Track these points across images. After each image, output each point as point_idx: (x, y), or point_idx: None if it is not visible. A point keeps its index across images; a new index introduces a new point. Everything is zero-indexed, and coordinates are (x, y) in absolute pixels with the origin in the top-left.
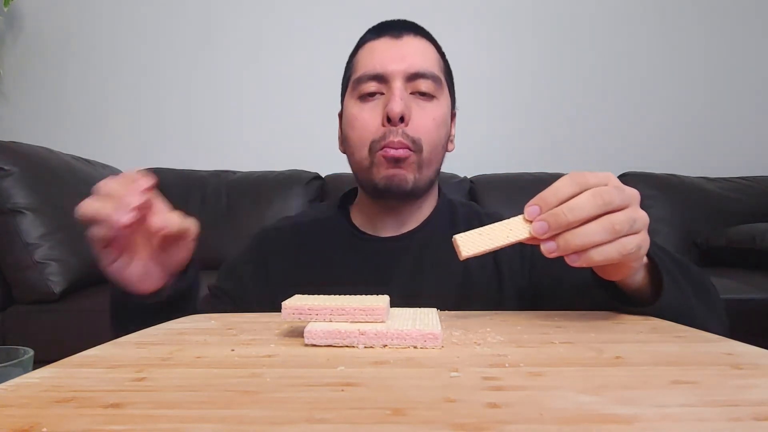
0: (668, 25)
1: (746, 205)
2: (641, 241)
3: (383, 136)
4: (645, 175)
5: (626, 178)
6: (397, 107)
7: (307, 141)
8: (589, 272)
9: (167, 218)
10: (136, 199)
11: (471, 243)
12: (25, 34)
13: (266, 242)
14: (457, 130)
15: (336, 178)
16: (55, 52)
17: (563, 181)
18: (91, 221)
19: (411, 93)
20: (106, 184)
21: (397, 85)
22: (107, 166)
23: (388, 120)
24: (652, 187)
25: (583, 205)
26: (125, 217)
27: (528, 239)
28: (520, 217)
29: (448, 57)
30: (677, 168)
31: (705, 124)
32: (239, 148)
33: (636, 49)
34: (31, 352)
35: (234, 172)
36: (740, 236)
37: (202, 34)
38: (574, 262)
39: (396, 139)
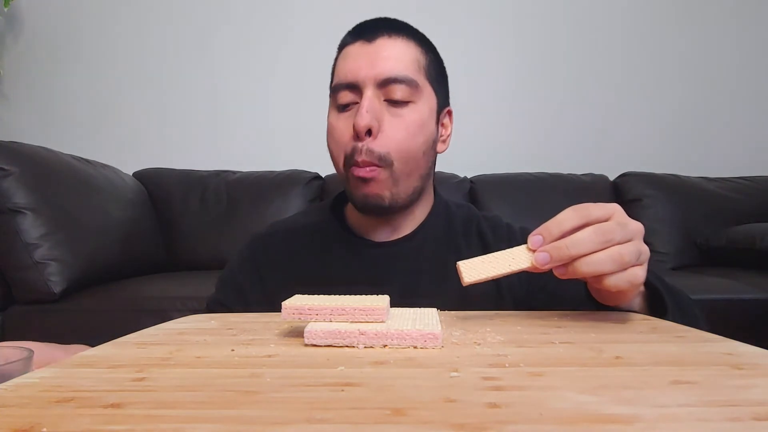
0: (668, 24)
1: (746, 205)
2: (644, 274)
3: (351, 153)
4: (645, 175)
5: (626, 178)
6: (362, 121)
7: (307, 141)
8: (584, 291)
9: None
10: None
11: (474, 270)
12: (25, 34)
13: (259, 250)
14: (458, 130)
15: (336, 178)
16: (55, 53)
17: (567, 214)
18: None
19: (385, 99)
20: None
21: (367, 94)
22: (107, 166)
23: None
24: (652, 187)
25: (584, 240)
26: None
27: (530, 268)
28: (524, 246)
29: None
30: (677, 168)
31: (705, 124)
32: (239, 148)
33: (636, 49)
34: (31, 352)
35: (234, 172)
36: (740, 236)
37: (202, 33)
38: (591, 282)
39: (360, 159)
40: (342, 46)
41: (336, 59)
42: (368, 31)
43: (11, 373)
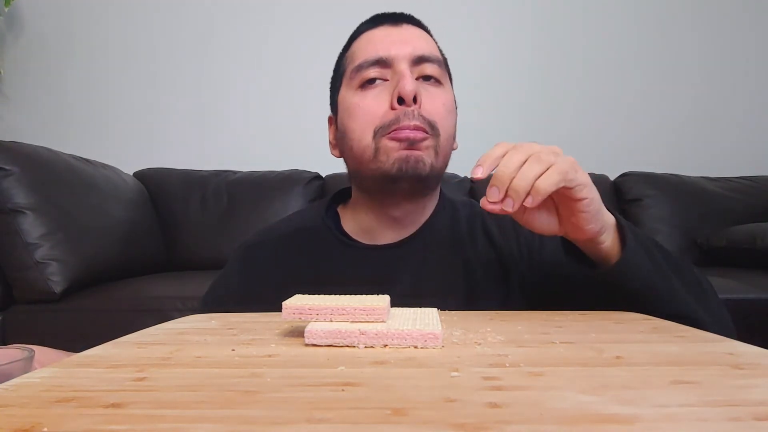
0: (669, 24)
1: (747, 205)
2: (569, 166)
3: (395, 120)
4: (645, 175)
5: (626, 178)
6: (409, 86)
7: (307, 141)
8: (562, 250)
9: None
10: None
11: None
12: (25, 34)
13: (249, 260)
14: (458, 130)
15: (336, 178)
16: (56, 52)
17: (493, 148)
18: None
19: (416, 78)
20: None
21: (403, 67)
22: (107, 166)
23: (399, 102)
24: (652, 187)
25: (512, 157)
26: None
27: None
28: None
29: (447, 54)
30: (677, 168)
31: (706, 123)
32: (239, 148)
33: (636, 48)
34: (32, 352)
35: (234, 172)
36: (741, 236)
37: (202, 33)
38: (529, 203)
39: (412, 123)
40: (359, 33)
41: (349, 48)
42: (391, 18)
43: (12, 373)
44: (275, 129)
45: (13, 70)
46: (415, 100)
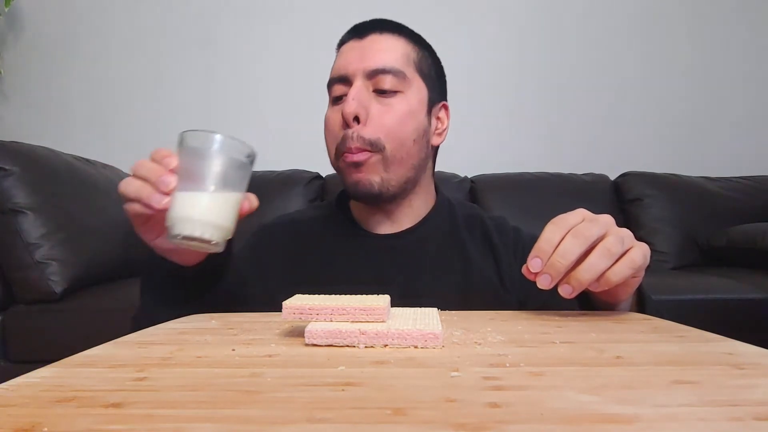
0: (669, 24)
1: (747, 205)
2: (640, 252)
3: (342, 142)
4: (645, 175)
5: (626, 178)
6: (348, 108)
7: (307, 141)
8: (577, 301)
9: None
10: (170, 181)
11: None
12: (25, 34)
13: (265, 239)
14: (459, 130)
15: (336, 178)
16: (56, 52)
17: (550, 230)
18: (131, 200)
19: (374, 90)
20: (143, 165)
21: (356, 84)
22: (107, 166)
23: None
24: (652, 187)
25: (569, 248)
26: (161, 202)
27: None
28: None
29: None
30: (677, 168)
31: (705, 124)
32: None
33: (636, 48)
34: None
35: None
36: (741, 236)
37: (203, 33)
38: (596, 288)
39: (353, 145)
40: (339, 46)
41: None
42: (360, 29)
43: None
44: (275, 129)
45: (13, 70)
46: (358, 119)
